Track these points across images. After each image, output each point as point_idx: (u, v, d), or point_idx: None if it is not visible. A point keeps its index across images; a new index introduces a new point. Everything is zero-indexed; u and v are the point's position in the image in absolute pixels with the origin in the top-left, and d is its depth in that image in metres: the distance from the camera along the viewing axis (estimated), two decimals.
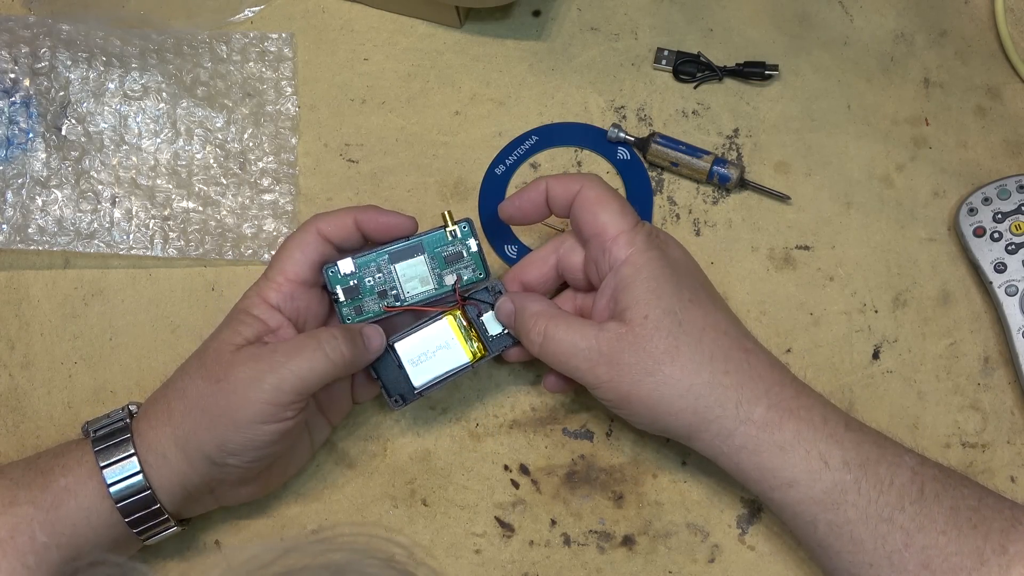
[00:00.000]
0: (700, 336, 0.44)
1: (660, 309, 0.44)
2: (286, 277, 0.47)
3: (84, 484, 0.44)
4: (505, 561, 0.51)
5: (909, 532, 0.42)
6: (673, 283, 0.45)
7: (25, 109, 0.57)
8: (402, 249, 0.48)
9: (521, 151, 0.57)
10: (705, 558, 0.51)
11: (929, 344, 0.54)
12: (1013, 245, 0.53)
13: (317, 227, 0.47)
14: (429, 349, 0.48)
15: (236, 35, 0.59)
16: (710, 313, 0.45)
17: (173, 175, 0.57)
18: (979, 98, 0.58)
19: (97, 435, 0.45)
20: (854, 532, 0.43)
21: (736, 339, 0.45)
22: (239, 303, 0.47)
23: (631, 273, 0.45)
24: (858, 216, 0.56)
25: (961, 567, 0.41)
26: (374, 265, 0.48)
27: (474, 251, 0.49)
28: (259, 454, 0.45)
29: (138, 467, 0.44)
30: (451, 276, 0.49)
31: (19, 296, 0.55)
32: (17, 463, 0.46)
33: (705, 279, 0.48)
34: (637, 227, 0.46)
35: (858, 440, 0.44)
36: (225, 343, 0.45)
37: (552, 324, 0.46)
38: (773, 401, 0.44)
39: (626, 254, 0.45)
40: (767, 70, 0.57)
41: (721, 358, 0.44)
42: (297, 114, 0.58)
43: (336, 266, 0.48)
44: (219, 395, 0.44)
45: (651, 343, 0.44)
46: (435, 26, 0.60)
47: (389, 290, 0.49)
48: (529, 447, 0.52)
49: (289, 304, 0.47)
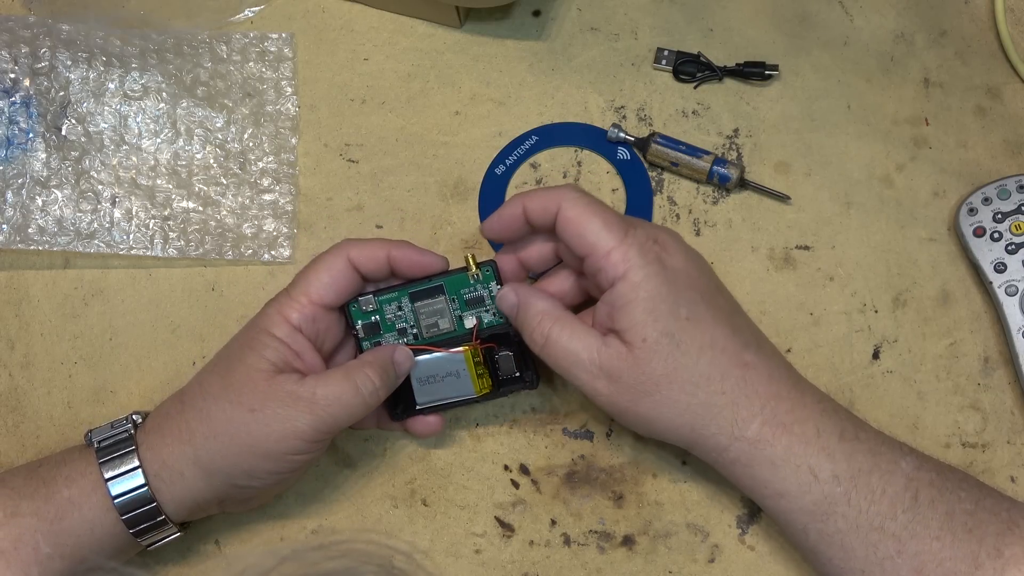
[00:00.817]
0: (698, 357, 0.44)
1: (657, 332, 0.44)
2: (310, 299, 0.46)
3: (88, 496, 0.44)
4: (505, 561, 0.51)
5: (901, 539, 0.42)
6: (670, 301, 0.44)
7: (25, 109, 0.57)
8: (424, 289, 0.49)
9: (521, 151, 0.57)
10: (705, 558, 0.51)
11: (929, 344, 0.54)
12: (1013, 245, 0.53)
13: (349, 254, 0.47)
14: (439, 374, 0.49)
15: (236, 35, 0.59)
16: (707, 331, 0.44)
17: (173, 175, 0.57)
18: (979, 98, 0.58)
19: (101, 446, 0.45)
20: (844, 541, 0.43)
21: (734, 354, 0.45)
22: (259, 320, 0.47)
23: (627, 292, 0.44)
24: (858, 216, 0.56)
25: (955, 572, 0.41)
26: (396, 303, 0.49)
27: (495, 295, 0.49)
28: (282, 478, 0.46)
29: (143, 479, 0.44)
30: (471, 319, 0.49)
31: (19, 296, 0.55)
32: (18, 471, 0.46)
33: (708, 284, 0.46)
34: (628, 238, 0.44)
35: (851, 451, 0.44)
36: (253, 369, 0.45)
37: (556, 328, 0.45)
38: (767, 417, 0.44)
39: (621, 271, 0.44)
40: (767, 70, 0.57)
41: (718, 378, 0.44)
42: (297, 114, 0.58)
43: (358, 302, 0.48)
44: (252, 425, 0.44)
45: (649, 366, 0.44)
46: (435, 26, 0.60)
47: (409, 328, 0.49)
48: (529, 447, 0.52)
49: (311, 326, 0.46)
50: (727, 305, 0.47)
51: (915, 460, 0.44)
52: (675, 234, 0.47)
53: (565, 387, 0.53)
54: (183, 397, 0.46)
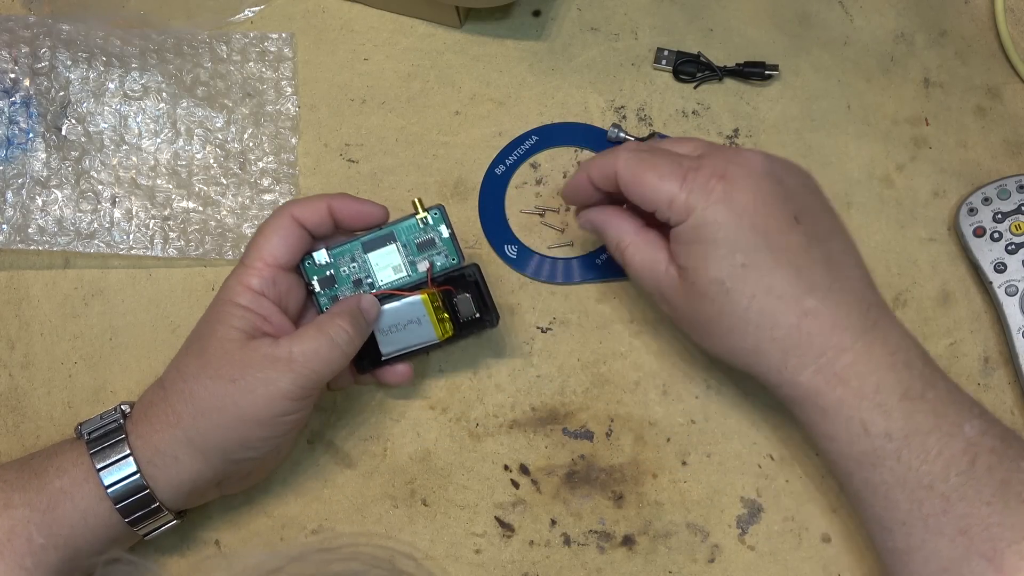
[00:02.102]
0: (748, 304, 0.44)
1: (707, 278, 0.44)
2: (265, 262, 0.47)
3: (80, 486, 0.44)
4: (505, 561, 0.51)
5: (950, 500, 0.42)
6: (726, 247, 0.43)
7: (25, 109, 0.57)
8: (375, 238, 0.49)
9: (521, 151, 0.57)
10: (705, 558, 0.51)
11: (929, 344, 0.53)
12: (1013, 245, 0.53)
13: (291, 212, 0.47)
14: (401, 322, 0.49)
15: (236, 35, 0.59)
16: (764, 277, 0.43)
17: (173, 175, 0.57)
18: (979, 98, 0.58)
19: (92, 437, 0.45)
20: (889, 492, 0.43)
21: (793, 301, 0.43)
22: (221, 294, 0.47)
23: (686, 233, 0.44)
24: (858, 216, 0.56)
25: (1002, 538, 0.41)
26: (348, 255, 0.49)
27: (446, 237, 0.49)
28: (276, 443, 0.46)
29: (135, 467, 0.44)
30: (424, 263, 0.49)
31: (19, 296, 0.55)
32: (9, 465, 0.46)
33: (780, 219, 0.44)
34: (687, 183, 0.44)
35: (911, 410, 0.43)
36: (225, 340, 0.45)
37: (631, 249, 0.48)
38: (822, 366, 0.43)
39: (684, 215, 0.44)
40: (767, 70, 0.57)
41: (768, 326, 0.44)
42: (297, 114, 0.58)
43: (312, 257, 0.49)
44: (236, 394, 0.44)
45: (700, 305, 0.45)
46: (435, 26, 0.60)
47: (364, 279, 0.49)
48: (529, 447, 0.52)
49: (272, 289, 0.47)
50: (800, 241, 0.44)
51: (981, 424, 0.43)
52: (752, 160, 0.45)
53: (564, 387, 0.53)
54: (163, 383, 0.46)
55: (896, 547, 0.43)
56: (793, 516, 0.51)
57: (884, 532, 0.44)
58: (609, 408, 0.53)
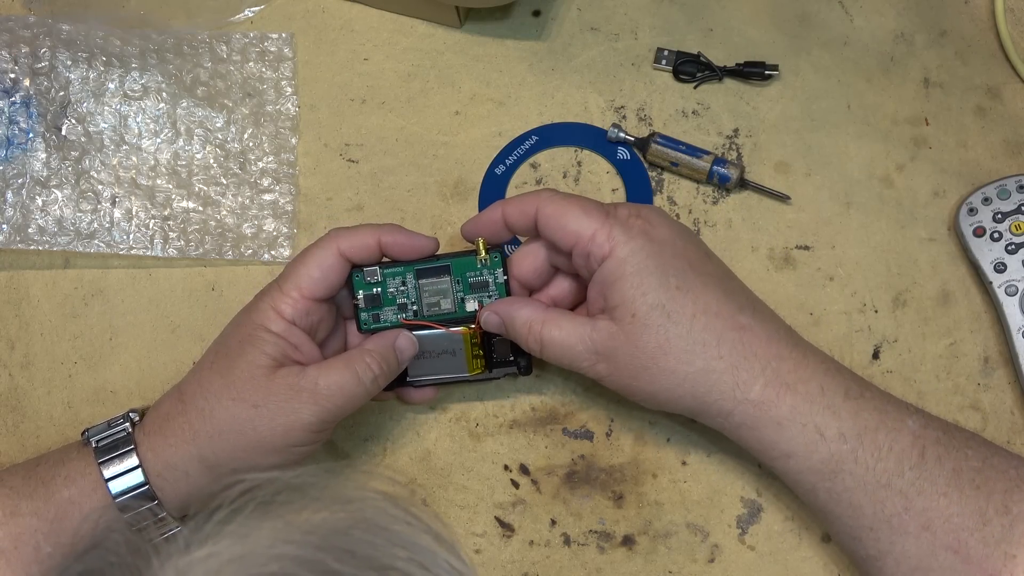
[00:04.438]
0: (690, 325, 0.44)
1: (646, 305, 0.44)
2: (301, 294, 0.46)
3: (89, 496, 0.44)
4: (505, 561, 0.51)
5: (908, 496, 0.42)
6: (658, 273, 0.44)
7: (25, 109, 0.57)
8: (430, 268, 0.49)
9: (521, 151, 0.57)
10: (705, 558, 0.51)
11: (929, 344, 0.54)
12: (1013, 245, 0.53)
13: (338, 245, 0.47)
14: (435, 350, 0.49)
15: (236, 35, 0.59)
16: (699, 297, 0.44)
17: (173, 175, 0.57)
18: (979, 98, 0.58)
19: (100, 445, 0.45)
20: (852, 498, 0.43)
21: (729, 318, 0.44)
22: (253, 315, 0.46)
23: (614, 269, 0.44)
24: (858, 216, 0.56)
25: (963, 527, 0.41)
26: (400, 278, 0.49)
27: (500, 282, 0.49)
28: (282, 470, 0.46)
29: (143, 478, 0.44)
30: (473, 303, 0.49)
31: (19, 296, 0.55)
32: (15, 470, 0.46)
33: (696, 252, 0.46)
34: (609, 219, 0.45)
35: (856, 409, 0.44)
36: (254, 365, 0.45)
37: (546, 329, 0.46)
38: (770, 378, 0.44)
39: (607, 250, 0.44)
40: (767, 70, 0.57)
41: (714, 343, 0.44)
42: (297, 114, 0.58)
43: (363, 272, 0.48)
44: (256, 420, 0.44)
45: (641, 340, 0.44)
46: (435, 26, 0.60)
47: (409, 304, 0.49)
48: (529, 447, 0.52)
49: (304, 319, 0.46)
50: (717, 271, 0.47)
51: (921, 418, 0.44)
52: (657, 208, 0.48)
53: (564, 387, 0.53)
54: (183, 396, 0.46)
55: (868, 554, 0.44)
56: (793, 516, 0.51)
57: (855, 542, 0.44)
58: (609, 408, 0.53)
